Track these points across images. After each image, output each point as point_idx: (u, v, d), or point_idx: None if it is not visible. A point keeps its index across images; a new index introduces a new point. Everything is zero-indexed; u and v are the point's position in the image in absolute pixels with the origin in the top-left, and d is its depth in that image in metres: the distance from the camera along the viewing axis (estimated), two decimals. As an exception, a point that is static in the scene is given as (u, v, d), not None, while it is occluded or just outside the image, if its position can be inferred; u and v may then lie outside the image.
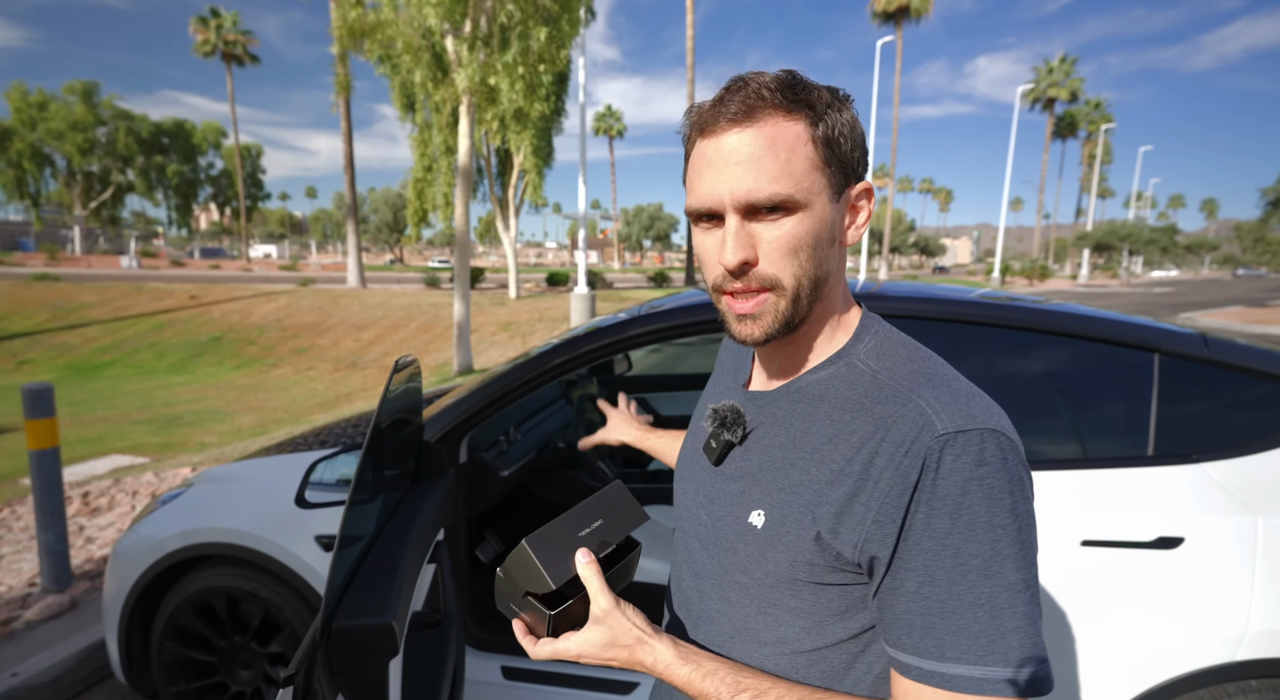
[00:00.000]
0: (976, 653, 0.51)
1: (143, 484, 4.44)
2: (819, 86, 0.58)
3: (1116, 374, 1.49)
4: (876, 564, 0.55)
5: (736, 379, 0.75)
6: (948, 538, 0.52)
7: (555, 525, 0.63)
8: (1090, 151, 55.54)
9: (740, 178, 0.55)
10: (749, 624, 0.64)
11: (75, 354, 12.65)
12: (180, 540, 1.80)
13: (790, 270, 0.58)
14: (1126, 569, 1.33)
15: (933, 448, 0.52)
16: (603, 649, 0.61)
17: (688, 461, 0.76)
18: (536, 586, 0.61)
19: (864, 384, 0.60)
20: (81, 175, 39.31)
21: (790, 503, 0.59)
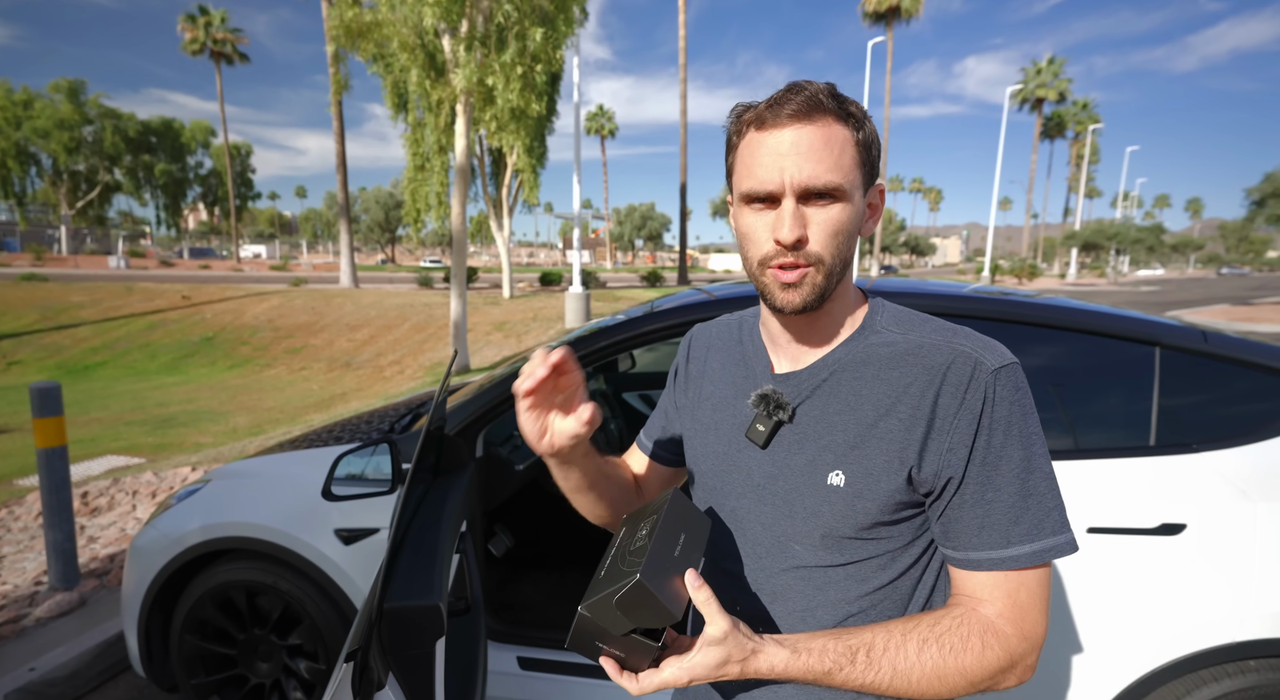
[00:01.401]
0: (1032, 533, 0.64)
1: (142, 484, 4.43)
2: (854, 100, 0.68)
3: (1120, 367, 1.54)
4: (949, 485, 0.66)
5: (753, 370, 0.79)
6: (1004, 449, 0.64)
7: (654, 553, 0.60)
8: (1078, 152, 56.13)
9: (801, 165, 0.63)
10: (830, 579, 0.70)
11: (66, 354, 12.52)
12: (201, 535, 1.82)
13: (830, 250, 0.66)
14: (1131, 555, 1.38)
15: (990, 382, 0.65)
16: (716, 669, 0.61)
17: (722, 455, 0.78)
18: (656, 621, 0.58)
19: (900, 346, 0.70)
20: (68, 174, 38.81)
21: (872, 456, 0.67)
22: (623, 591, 0.58)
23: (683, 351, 0.91)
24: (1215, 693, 1.34)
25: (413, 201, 15.13)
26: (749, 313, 0.88)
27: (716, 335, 0.88)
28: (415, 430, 1.94)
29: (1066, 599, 1.41)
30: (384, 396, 8.29)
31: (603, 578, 0.63)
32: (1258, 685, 1.32)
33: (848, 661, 0.62)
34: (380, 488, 1.63)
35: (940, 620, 0.65)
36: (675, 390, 0.90)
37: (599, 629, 0.60)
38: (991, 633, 0.64)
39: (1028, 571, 0.64)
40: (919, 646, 0.63)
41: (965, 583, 0.67)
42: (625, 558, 0.63)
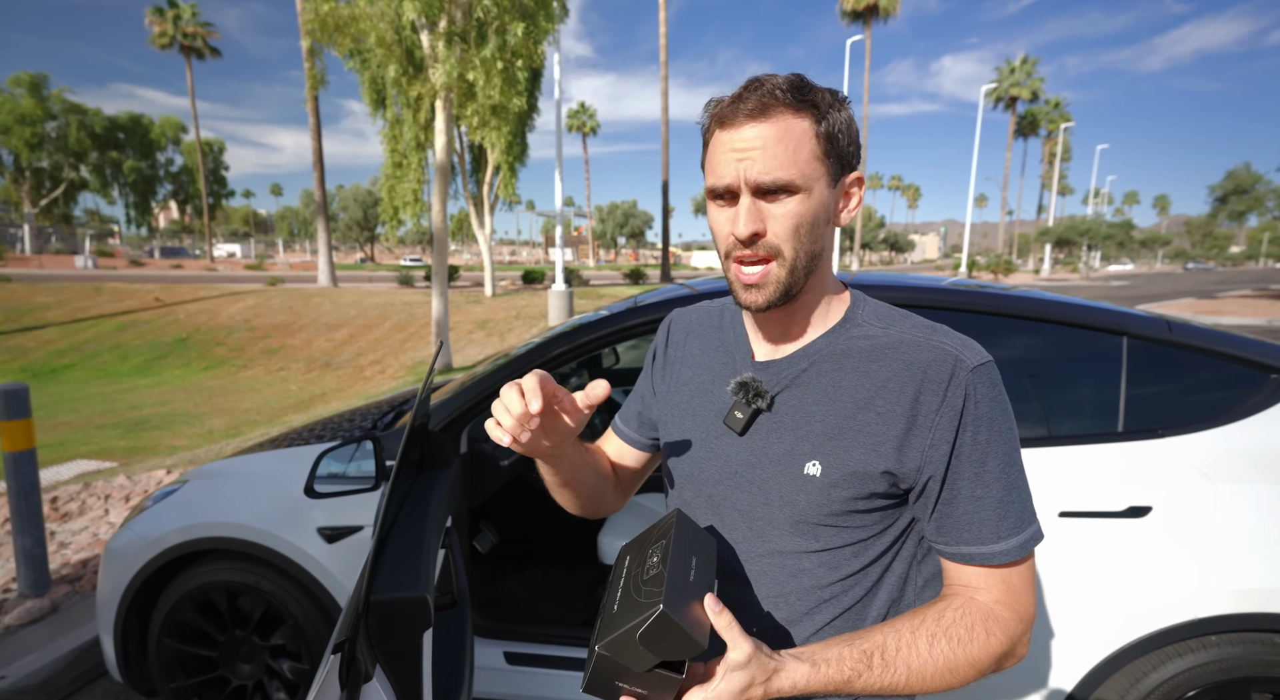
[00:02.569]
0: (1018, 526, 0.67)
1: (114, 488, 4.33)
2: (823, 89, 0.68)
3: (1089, 356, 1.58)
4: (931, 482, 0.68)
5: (732, 357, 0.80)
6: (989, 446, 0.67)
7: (672, 580, 0.57)
8: (1050, 150, 57.28)
9: (754, 162, 0.65)
10: (804, 566, 0.72)
11: (31, 357, 12.15)
12: (179, 536, 1.79)
13: (791, 244, 0.67)
14: (1101, 537, 1.43)
15: (970, 379, 0.67)
16: (741, 694, 0.59)
17: (700, 441, 0.79)
18: (682, 653, 0.56)
19: (880, 340, 0.72)
20: (30, 171, 37.56)
21: (849, 448, 0.69)
22: (647, 624, 0.54)
23: (661, 335, 0.91)
24: (1180, 667, 1.39)
25: (390, 199, 14.91)
26: (731, 299, 0.87)
27: (697, 321, 0.89)
28: (398, 427, 1.93)
29: (1039, 581, 1.46)
30: (365, 396, 8.20)
31: (617, 612, 0.59)
32: (1220, 659, 1.38)
33: (865, 667, 0.63)
34: (363, 485, 1.62)
35: (944, 613, 0.66)
36: (653, 374, 0.90)
37: (619, 667, 0.57)
38: (992, 619, 0.66)
39: (1017, 560, 0.67)
40: (929, 642, 0.64)
41: (960, 574, 0.69)
42: (639, 588, 0.59)
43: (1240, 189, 25.03)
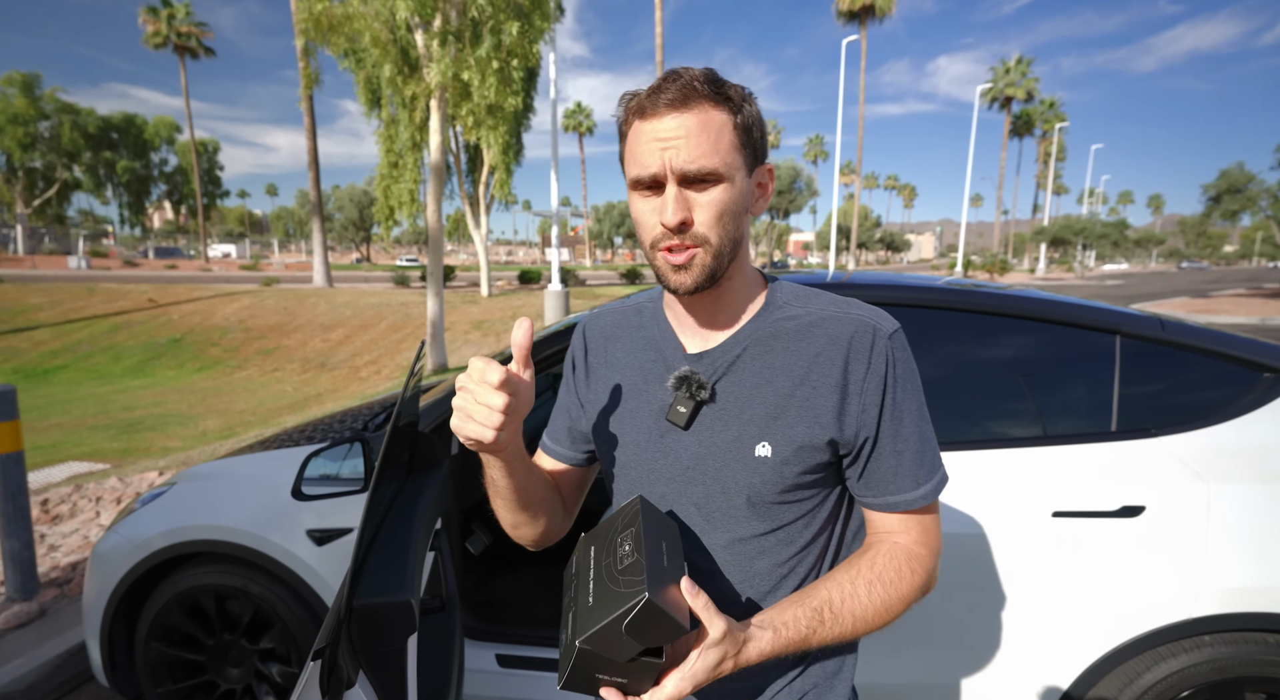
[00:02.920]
0: (931, 472, 0.74)
1: (106, 490, 4.29)
2: (734, 84, 0.70)
3: (1082, 355, 1.58)
4: (865, 443, 0.73)
5: (662, 353, 0.80)
6: (905, 403, 0.73)
7: (651, 567, 0.58)
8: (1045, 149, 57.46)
9: (679, 151, 0.66)
10: (763, 548, 0.75)
11: (23, 358, 12.07)
12: (166, 539, 1.77)
13: (716, 231, 0.69)
14: (1094, 537, 1.42)
15: (888, 345, 0.72)
16: (715, 669, 0.62)
17: (643, 443, 0.78)
18: (666, 638, 0.57)
19: (804, 319, 0.76)
20: (23, 171, 37.36)
21: (794, 424, 0.72)
22: (633, 613, 0.55)
23: (578, 343, 0.89)
24: (1173, 667, 1.39)
25: (385, 199, 14.84)
26: (643, 298, 0.89)
27: (613, 324, 0.88)
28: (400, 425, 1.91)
29: (1033, 581, 1.45)
30: (360, 397, 8.16)
31: (594, 605, 0.59)
32: (1212, 659, 1.37)
33: (818, 623, 0.67)
34: (353, 487, 1.61)
35: (875, 560, 0.72)
36: (576, 385, 0.88)
37: (600, 660, 0.58)
38: (914, 558, 0.73)
39: None
40: (868, 589, 0.70)
41: (883, 521, 0.76)
42: (615, 578, 0.59)
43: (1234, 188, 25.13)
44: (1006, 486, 1.48)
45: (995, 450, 1.52)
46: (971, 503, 1.48)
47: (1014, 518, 1.46)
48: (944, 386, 1.64)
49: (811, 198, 35.56)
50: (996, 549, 1.46)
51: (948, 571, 1.47)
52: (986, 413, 1.60)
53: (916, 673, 1.52)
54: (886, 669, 1.52)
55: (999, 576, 1.46)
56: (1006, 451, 1.52)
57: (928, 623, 1.49)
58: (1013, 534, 1.45)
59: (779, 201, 34.28)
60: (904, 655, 1.52)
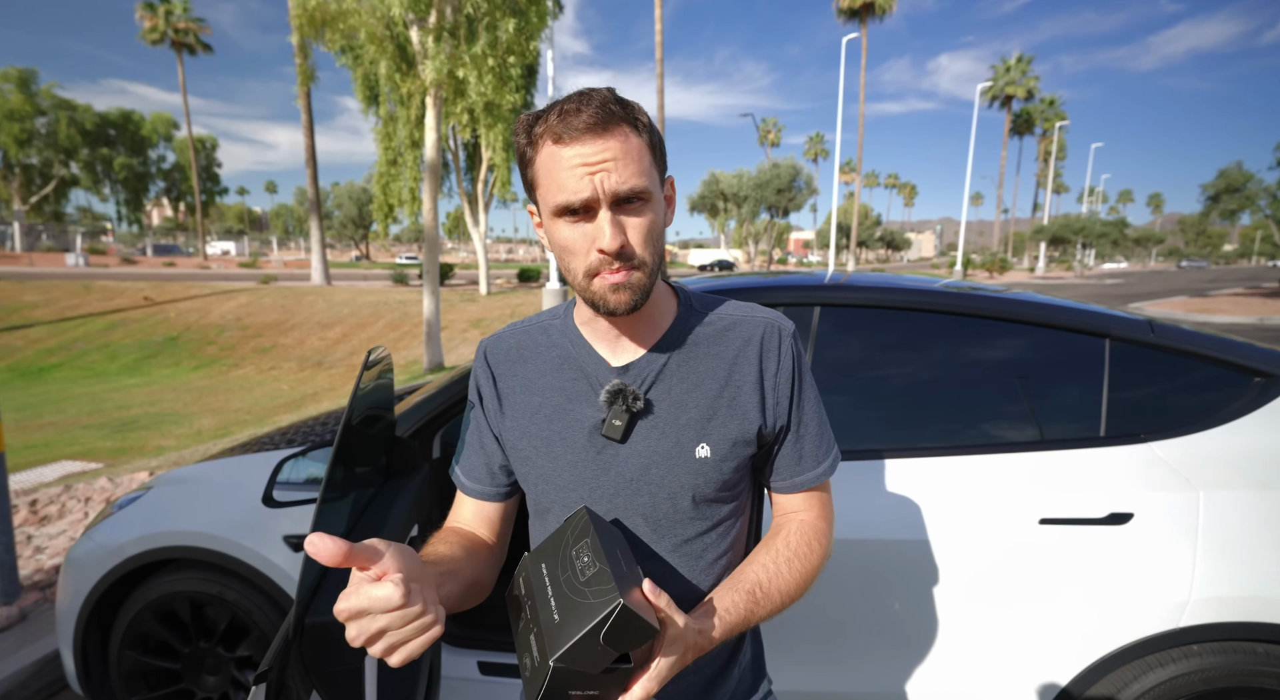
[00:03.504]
0: (828, 450, 0.82)
1: (96, 490, 4.27)
2: (636, 104, 0.71)
3: (1070, 359, 1.55)
4: (780, 432, 0.79)
5: (584, 370, 0.79)
6: (804, 392, 0.80)
7: (615, 574, 0.59)
8: (1046, 148, 57.39)
9: (610, 173, 0.66)
10: (706, 544, 0.78)
11: (18, 356, 12.04)
12: (139, 545, 1.74)
13: (649, 250, 0.71)
14: (1081, 545, 1.40)
15: (791, 342, 0.80)
16: (678, 664, 0.64)
17: (579, 463, 0.76)
18: (639, 642, 0.57)
19: (717, 324, 0.80)
20: (20, 168, 37.20)
21: (726, 423, 0.76)
22: (611, 620, 0.55)
23: (482, 372, 0.84)
24: (1161, 677, 1.36)
25: (384, 197, 14.81)
26: (545, 317, 0.86)
27: (517, 345, 0.84)
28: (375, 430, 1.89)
29: (1019, 590, 1.42)
30: (354, 396, 8.11)
31: (561, 622, 0.58)
32: (1201, 669, 1.35)
33: (754, 603, 0.72)
34: (339, 492, 1.58)
35: (789, 538, 0.78)
36: (488, 416, 0.84)
37: (573, 676, 0.57)
38: (819, 532, 0.80)
39: None
40: (788, 565, 0.76)
41: (790, 501, 0.83)
42: (578, 591, 0.59)
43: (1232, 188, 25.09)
44: (993, 493, 1.46)
45: (982, 455, 1.50)
46: (957, 509, 1.45)
47: (1000, 524, 1.43)
48: (930, 391, 1.61)
49: (811, 196, 35.49)
50: (982, 556, 1.43)
51: (930, 578, 1.45)
52: (973, 417, 1.57)
53: (899, 681, 1.49)
54: (870, 678, 1.50)
55: (984, 584, 1.43)
56: (993, 457, 1.49)
57: (912, 630, 1.47)
58: (998, 541, 1.43)
59: (778, 200, 34.21)
60: (887, 663, 1.49)
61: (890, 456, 1.52)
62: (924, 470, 1.50)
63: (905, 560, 1.45)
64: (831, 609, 1.47)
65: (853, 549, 1.44)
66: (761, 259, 47.84)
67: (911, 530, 1.45)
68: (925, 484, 1.48)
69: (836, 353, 1.63)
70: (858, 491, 1.48)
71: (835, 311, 1.64)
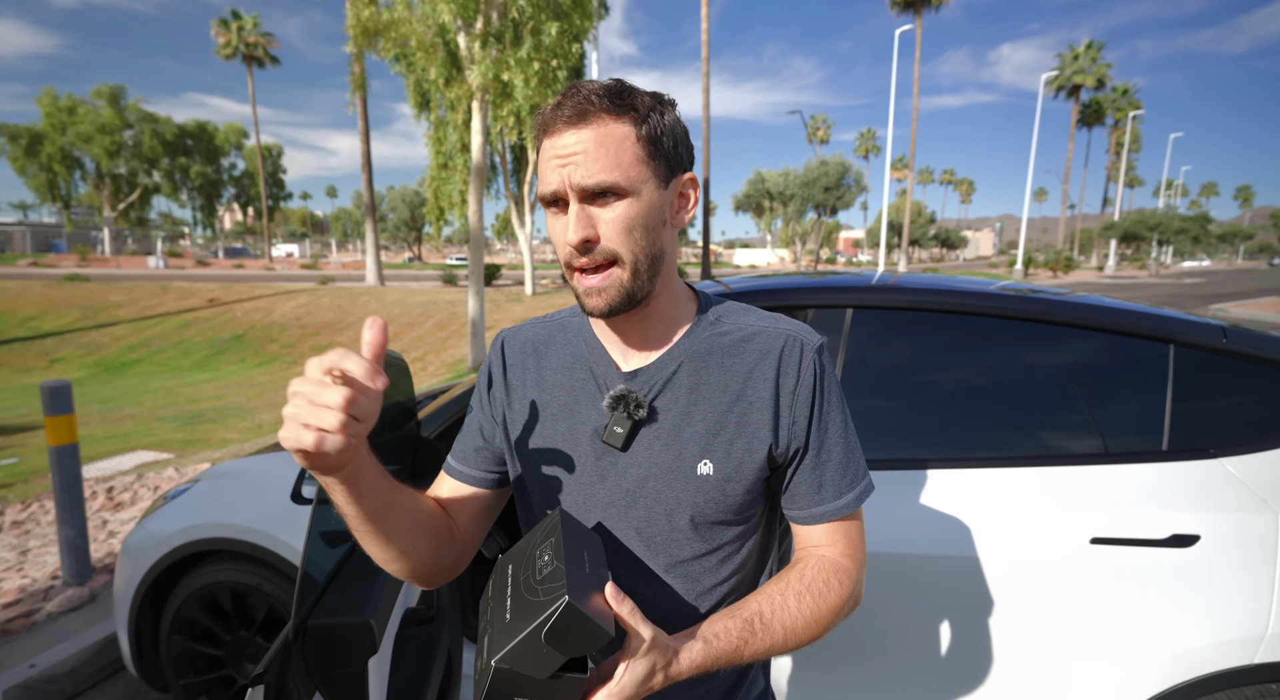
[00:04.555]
0: (854, 481, 0.75)
1: (164, 479, 4.54)
2: (643, 92, 0.69)
3: (1129, 366, 1.43)
4: (796, 453, 0.73)
5: (593, 372, 0.76)
6: (829, 415, 0.74)
7: (571, 573, 0.56)
8: (1118, 139, 54.03)
9: (577, 167, 0.65)
10: (705, 567, 0.73)
11: (104, 352, 12.99)
12: (185, 536, 1.83)
13: (628, 246, 0.67)
14: (1138, 567, 1.28)
15: (814, 358, 0.73)
16: (644, 683, 0.60)
17: (580, 467, 0.74)
18: (590, 645, 0.55)
19: (735, 334, 0.75)
20: (109, 177, 40.21)
21: (733, 440, 0.71)
22: (553, 620, 0.52)
23: (495, 358, 0.84)
24: (1232, 720, 1.24)
25: (435, 200, 15.26)
26: (567, 313, 0.84)
27: (535, 339, 0.83)
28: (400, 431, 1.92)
29: (1065, 614, 1.32)
30: (403, 393, 8.38)
31: (510, 620, 0.56)
32: (1278, 714, 1.22)
33: (750, 634, 0.66)
34: None
35: (804, 572, 0.72)
36: (491, 404, 0.82)
37: (520, 679, 0.55)
38: (841, 570, 0.73)
39: (854, 513, 0.75)
40: (797, 601, 0.69)
41: (810, 534, 0.75)
42: (533, 591, 0.57)
43: (1334, 178, 23.00)
44: (1038, 508, 1.36)
45: (1027, 468, 1.40)
46: (998, 523, 1.36)
47: (1046, 542, 1.33)
48: (973, 399, 1.52)
49: (861, 194, 34.56)
50: (1025, 575, 1.33)
51: (969, 596, 1.36)
52: (1019, 428, 1.47)
53: (935, 707, 1.41)
54: (902, 701, 1.42)
55: (1027, 606, 1.34)
56: (1040, 470, 1.39)
57: (948, 651, 1.38)
58: (1044, 560, 1.32)
59: (826, 198, 33.45)
60: (921, 686, 1.41)
61: (930, 467, 1.44)
62: (963, 482, 1.41)
63: (942, 576, 1.36)
64: (863, 624, 1.41)
65: (888, 563, 1.37)
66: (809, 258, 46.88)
67: (948, 545, 1.36)
68: (964, 496, 1.40)
69: (869, 356, 1.55)
70: (893, 503, 1.41)
71: (869, 314, 1.57)
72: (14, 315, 14.49)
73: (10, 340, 13.39)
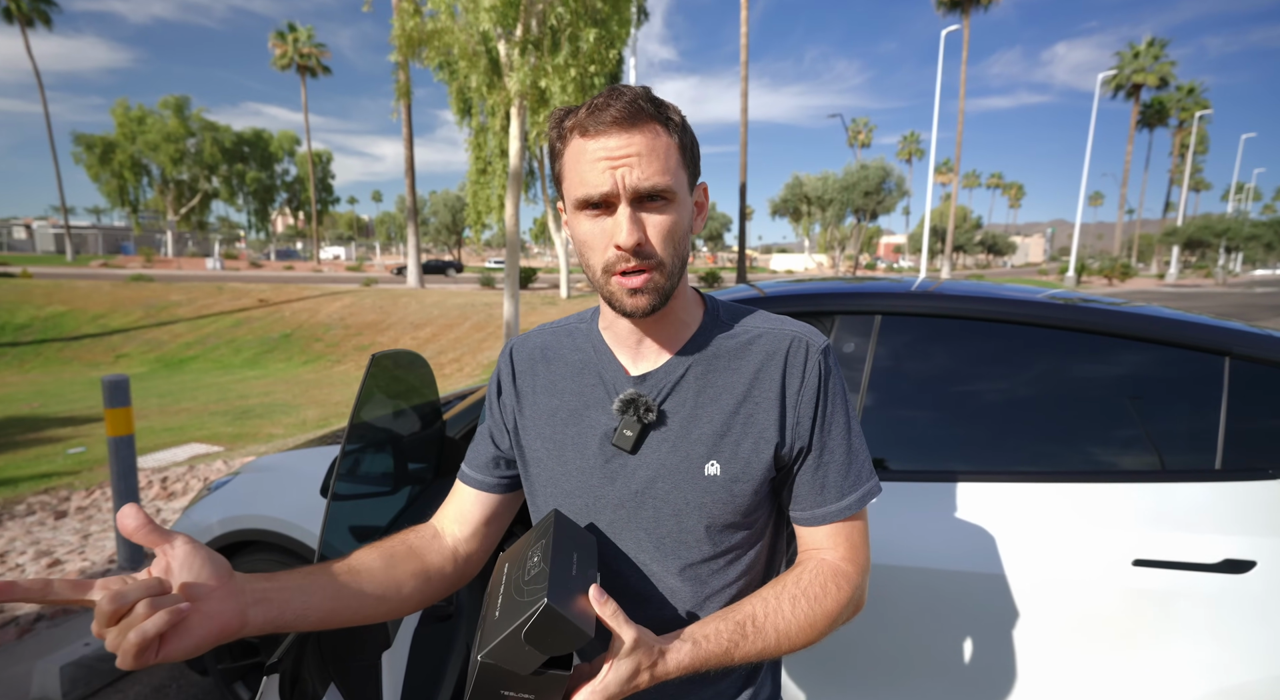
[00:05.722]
0: (856, 481, 0.74)
1: (214, 471, 4.75)
2: (671, 105, 0.70)
3: (1177, 380, 1.35)
4: (800, 453, 0.74)
5: (602, 377, 0.77)
6: (833, 416, 0.74)
7: (554, 575, 0.58)
8: (1182, 140, 51.35)
9: (633, 169, 0.65)
10: (713, 570, 0.74)
11: (164, 349, 13.70)
12: (223, 526, 1.90)
13: (668, 250, 0.69)
14: (1185, 593, 1.21)
15: (820, 359, 0.74)
16: (629, 682, 0.61)
17: (588, 470, 0.75)
18: (569, 646, 0.56)
19: (742, 336, 0.76)
20: (173, 183, 42.52)
21: (740, 441, 0.72)
22: (532, 621, 0.54)
23: (504, 366, 0.85)
24: (1290, 763, 1.15)
25: (474, 204, 15.62)
26: (573, 320, 0.86)
27: (543, 346, 0.84)
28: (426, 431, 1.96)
29: (1103, 640, 1.25)
30: (439, 393, 8.57)
31: (499, 618, 0.59)
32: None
33: (740, 637, 0.66)
34: (384, 487, 1.66)
35: (801, 576, 0.72)
36: (502, 411, 0.84)
37: (504, 675, 0.57)
38: (840, 575, 0.73)
39: (856, 516, 0.75)
40: (792, 604, 0.69)
41: (811, 537, 0.76)
42: (520, 590, 0.59)
43: None
44: (1077, 525, 1.29)
45: (1066, 484, 1.33)
46: (1034, 541, 1.30)
47: (1084, 561, 1.26)
48: (1009, 411, 1.46)
49: (903, 198, 33.76)
50: (1059, 595, 1.27)
51: (998, 614, 1.30)
52: (1058, 442, 1.40)
53: (963, 731, 1.35)
54: (928, 723, 1.37)
55: (1061, 628, 1.27)
56: (1079, 486, 1.33)
57: (976, 672, 1.33)
58: (1080, 581, 1.26)
59: (866, 202, 32.78)
60: (949, 709, 1.36)
61: (962, 479, 1.39)
62: (997, 496, 1.35)
63: (972, 593, 1.31)
64: (886, 638, 1.36)
65: (915, 577, 1.32)
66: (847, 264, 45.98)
67: (980, 561, 1.31)
68: (997, 511, 1.34)
69: (899, 364, 1.51)
70: (922, 515, 1.37)
71: (899, 321, 1.53)
72: (85, 313, 15.43)
73: (82, 336, 14.26)
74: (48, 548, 3.21)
